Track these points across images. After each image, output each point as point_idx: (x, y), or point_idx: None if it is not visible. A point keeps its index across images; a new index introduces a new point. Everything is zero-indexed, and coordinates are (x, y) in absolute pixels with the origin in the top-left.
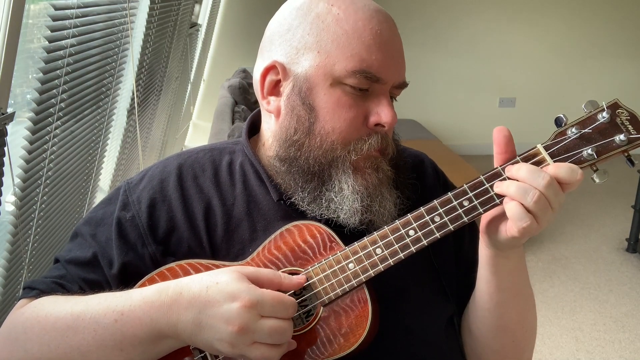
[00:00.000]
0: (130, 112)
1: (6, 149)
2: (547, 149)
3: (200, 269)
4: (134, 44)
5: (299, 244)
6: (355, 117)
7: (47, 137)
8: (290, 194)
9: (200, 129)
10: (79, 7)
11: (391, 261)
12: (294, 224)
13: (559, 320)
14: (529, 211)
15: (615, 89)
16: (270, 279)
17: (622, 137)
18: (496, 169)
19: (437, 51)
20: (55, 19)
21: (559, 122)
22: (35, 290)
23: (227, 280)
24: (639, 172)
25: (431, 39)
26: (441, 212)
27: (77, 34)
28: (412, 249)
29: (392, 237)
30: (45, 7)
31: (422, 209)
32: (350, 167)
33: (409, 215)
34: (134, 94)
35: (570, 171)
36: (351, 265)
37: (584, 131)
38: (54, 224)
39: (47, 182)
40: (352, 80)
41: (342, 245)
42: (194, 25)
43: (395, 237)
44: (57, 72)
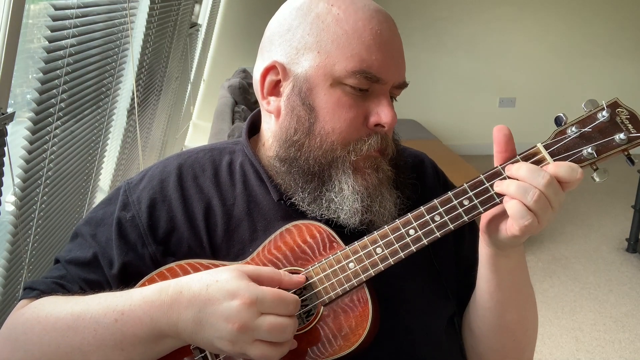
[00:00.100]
0: (130, 112)
1: (6, 149)
2: (547, 148)
3: (200, 269)
4: (134, 44)
5: (299, 244)
6: (355, 118)
7: (47, 137)
8: (290, 194)
9: (200, 129)
10: (79, 7)
11: (391, 260)
12: (293, 224)
13: (559, 320)
14: (530, 210)
15: (615, 88)
16: (270, 277)
17: (622, 136)
18: (496, 168)
19: (437, 51)
20: (55, 19)
21: (558, 121)
22: (35, 290)
23: (227, 278)
24: (639, 172)
25: (431, 39)
26: (441, 211)
27: (77, 34)
28: (413, 248)
29: (392, 236)
30: (45, 7)
31: (422, 208)
32: (350, 168)
33: (409, 214)
34: (134, 94)
35: (570, 170)
36: (351, 264)
37: (583, 130)
38: (54, 224)
39: (47, 182)
40: (352, 80)
41: (342, 244)
42: (194, 25)
43: (395, 237)
44: (57, 72)
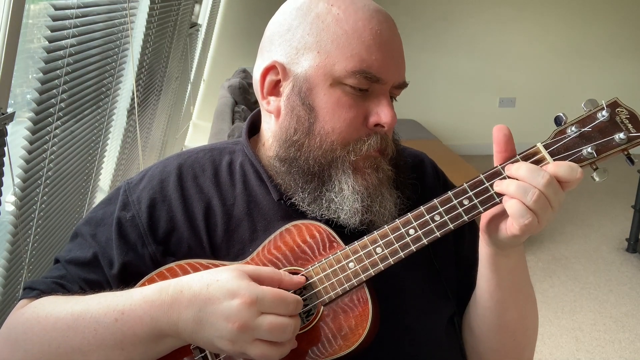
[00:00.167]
0: (130, 112)
1: (6, 149)
2: (546, 147)
3: (200, 269)
4: (134, 44)
5: (299, 244)
6: (355, 117)
7: (47, 137)
8: (290, 194)
9: (200, 129)
10: (79, 7)
11: (391, 260)
12: (293, 224)
13: (559, 320)
14: (529, 210)
15: (614, 88)
16: (270, 277)
17: (621, 135)
18: (496, 167)
19: (437, 51)
20: (55, 19)
21: (558, 120)
22: (35, 290)
23: (228, 277)
24: (639, 171)
25: (431, 39)
26: (441, 211)
27: (77, 34)
28: (413, 248)
29: (392, 236)
30: (45, 7)
31: (422, 208)
32: (350, 168)
33: (409, 214)
34: (134, 94)
35: (570, 170)
36: (351, 264)
37: (583, 130)
38: (54, 224)
39: (47, 182)
40: (352, 80)
41: (342, 244)
42: (194, 25)
43: (395, 236)
44: (57, 72)
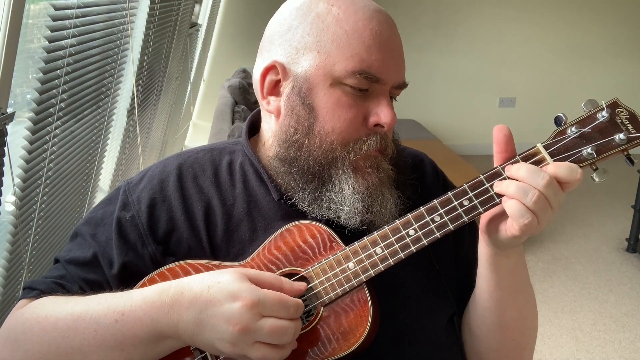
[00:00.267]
0: (130, 112)
1: (6, 149)
2: (546, 148)
3: (200, 269)
4: (134, 44)
5: (299, 244)
6: (354, 117)
7: (47, 137)
8: (290, 195)
9: (200, 129)
10: (79, 7)
11: (391, 261)
12: (294, 224)
13: (559, 320)
14: (529, 210)
15: (615, 88)
16: (271, 283)
17: (621, 136)
18: (496, 168)
19: (437, 51)
20: (55, 19)
21: (558, 121)
22: (35, 290)
23: (229, 279)
24: (639, 172)
25: (431, 39)
26: (441, 211)
27: (77, 34)
28: (413, 248)
29: (392, 237)
30: (45, 7)
31: (422, 209)
32: (350, 167)
33: (409, 215)
34: (134, 94)
35: (569, 170)
36: (351, 265)
37: (583, 130)
38: (54, 224)
39: (47, 182)
40: (352, 80)
41: (342, 245)
42: (194, 25)
43: (395, 237)
44: (57, 72)
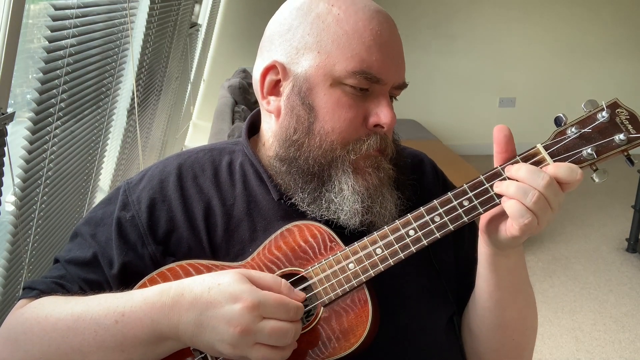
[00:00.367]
0: (130, 112)
1: (6, 149)
2: (546, 148)
3: (200, 270)
4: (134, 44)
5: (299, 244)
6: (354, 117)
7: (47, 137)
8: (290, 195)
9: (200, 129)
10: (79, 7)
11: (391, 261)
12: (294, 224)
13: (559, 320)
14: (529, 210)
15: (615, 88)
16: (270, 286)
17: (621, 136)
18: (496, 168)
19: (436, 51)
20: (55, 19)
21: (558, 121)
22: (35, 290)
23: (230, 281)
24: (639, 172)
25: (431, 39)
26: (441, 212)
27: (77, 34)
28: (412, 249)
29: (392, 237)
30: (45, 7)
31: (422, 209)
32: (349, 167)
33: (409, 215)
34: (134, 94)
35: (569, 171)
36: (351, 265)
37: (583, 131)
38: (54, 224)
39: (47, 182)
40: (352, 80)
41: (342, 245)
42: (194, 25)
43: (395, 237)
44: (57, 72)
